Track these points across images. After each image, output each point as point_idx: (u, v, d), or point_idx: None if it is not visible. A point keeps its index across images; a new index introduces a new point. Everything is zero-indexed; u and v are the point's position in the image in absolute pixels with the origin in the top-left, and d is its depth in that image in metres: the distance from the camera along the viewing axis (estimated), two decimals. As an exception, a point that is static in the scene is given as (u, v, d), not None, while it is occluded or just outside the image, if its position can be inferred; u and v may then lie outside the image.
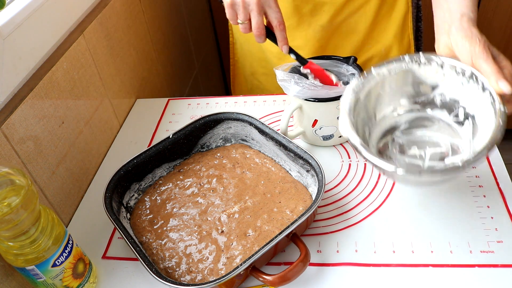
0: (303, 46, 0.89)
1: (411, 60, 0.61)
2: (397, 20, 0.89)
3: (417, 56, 0.61)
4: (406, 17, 0.90)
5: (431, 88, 0.63)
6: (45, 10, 0.68)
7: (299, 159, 0.67)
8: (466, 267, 0.58)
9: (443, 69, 0.60)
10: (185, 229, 0.65)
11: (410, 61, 0.61)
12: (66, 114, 0.72)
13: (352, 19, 0.87)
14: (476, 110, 0.59)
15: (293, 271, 0.54)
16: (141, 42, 1.00)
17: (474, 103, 0.59)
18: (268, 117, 0.86)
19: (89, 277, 0.59)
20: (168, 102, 0.94)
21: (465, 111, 0.60)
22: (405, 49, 0.93)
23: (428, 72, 0.61)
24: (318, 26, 0.86)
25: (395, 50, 0.92)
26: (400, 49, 0.92)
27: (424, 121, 0.64)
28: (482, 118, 0.57)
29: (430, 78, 0.62)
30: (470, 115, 0.60)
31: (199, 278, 0.59)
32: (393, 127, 0.64)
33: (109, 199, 0.64)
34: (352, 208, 0.67)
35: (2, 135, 0.58)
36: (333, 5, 0.84)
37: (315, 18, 0.86)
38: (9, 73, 0.61)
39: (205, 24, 1.55)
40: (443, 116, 0.63)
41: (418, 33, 0.96)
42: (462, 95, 0.60)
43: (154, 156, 0.72)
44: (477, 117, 0.59)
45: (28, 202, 0.48)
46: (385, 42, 0.91)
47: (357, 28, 0.88)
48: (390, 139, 0.63)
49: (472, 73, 0.58)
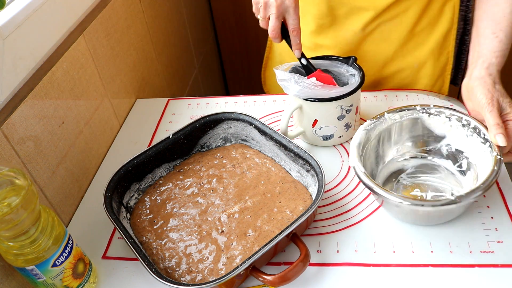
0: (333, 46, 0.87)
1: (422, 110, 0.68)
2: (437, 36, 0.85)
3: (428, 108, 0.68)
4: (448, 34, 0.85)
5: (439, 138, 0.69)
6: (45, 10, 0.68)
7: (299, 159, 0.67)
8: (466, 267, 0.58)
9: (450, 121, 0.67)
10: (185, 229, 0.65)
11: (421, 111, 0.68)
12: (66, 114, 0.72)
13: (385, 27, 0.83)
14: (478, 160, 0.64)
15: (293, 271, 0.54)
16: (141, 42, 1.00)
17: (476, 153, 0.64)
18: (268, 117, 0.86)
19: (89, 277, 0.59)
20: (168, 102, 0.94)
21: (468, 162, 0.66)
22: (441, 66, 0.89)
23: (437, 122, 0.68)
24: (351, 30, 0.84)
25: (430, 66, 0.87)
26: (435, 66, 0.88)
27: (429, 168, 0.70)
28: (482, 167, 0.62)
29: (438, 128, 0.68)
30: (473, 164, 0.65)
31: (199, 278, 0.59)
32: (400, 169, 0.70)
33: (109, 199, 0.64)
34: (352, 208, 0.67)
35: (2, 135, 0.58)
36: (370, 11, 0.80)
37: (349, 21, 0.83)
38: (9, 73, 0.61)
39: (205, 24, 1.55)
40: (448, 165, 0.69)
41: (463, 46, 0.91)
42: (467, 146, 0.66)
43: (154, 156, 0.72)
44: (478, 166, 0.64)
45: (28, 202, 0.48)
46: (419, 56, 0.86)
47: (390, 37, 0.84)
48: (395, 180, 0.69)
49: (476, 126, 0.64)
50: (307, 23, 0.87)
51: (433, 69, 0.88)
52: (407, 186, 0.68)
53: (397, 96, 0.86)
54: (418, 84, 0.90)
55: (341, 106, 0.72)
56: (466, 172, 0.66)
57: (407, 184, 0.68)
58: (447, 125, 0.67)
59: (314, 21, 0.85)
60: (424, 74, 0.88)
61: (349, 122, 0.75)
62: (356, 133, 0.66)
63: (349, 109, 0.73)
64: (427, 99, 0.85)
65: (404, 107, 0.68)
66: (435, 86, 0.91)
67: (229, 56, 1.71)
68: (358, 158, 0.62)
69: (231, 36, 1.64)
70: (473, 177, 0.64)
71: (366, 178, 0.59)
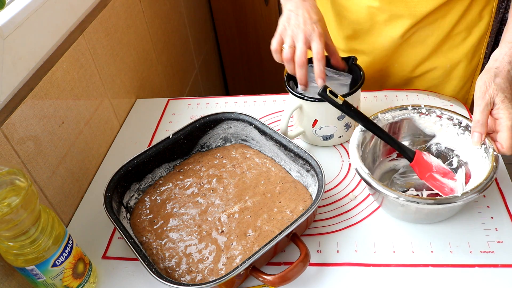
0: (369, 52, 0.86)
1: (414, 109, 0.68)
2: (473, 39, 0.84)
3: (419, 107, 0.68)
4: (483, 37, 0.85)
5: (428, 137, 0.69)
6: (45, 10, 0.68)
7: (299, 159, 0.67)
8: (466, 267, 0.58)
9: (441, 120, 0.67)
10: (185, 229, 0.65)
11: (412, 111, 0.68)
12: (66, 114, 0.72)
13: (423, 32, 0.82)
14: (470, 157, 0.65)
15: (293, 271, 0.54)
16: (141, 42, 1.00)
17: (468, 151, 0.65)
18: (268, 117, 0.86)
19: (89, 277, 0.59)
20: (168, 102, 0.94)
21: (458, 159, 0.67)
22: (473, 68, 0.88)
23: (427, 122, 0.68)
24: (389, 36, 0.82)
25: (462, 68, 0.87)
26: (467, 68, 0.87)
27: None
28: (475, 165, 0.63)
29: (428, 128, 0.69)
30: (463, 162, 0.66)
31: (199, 278, 0.59)
32: (391, 169, 0.71)
33: (109, 199, 0.64)
34: (352, 208, 0.67)
35: (2, 135, 0.58)
36: (410, 18, 0.79)
37: (388, 28, 0.82)
38: (9, 73, 0.61)
39: (205, 24, 1.55)
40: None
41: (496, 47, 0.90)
42: (457, 144, 0.67)
43: (154, 156, 0.72)
44: (470, 164, 0.65)
45: (28, 202, 0.48)
46: (453, 58, 0.86)
47: (426, 41, 0.83)
48: (389, 181, 0.69)
49: (468, 124, 0.65)
50: (344, 27, 0.86)
51: (465, 71, 0.87)
52: (402, 185, 0.68)
53: (397, 96, 0.86)
54: (448, 85, 0.89)
55: (341, 106, 0.72)
56: (458, 169, 0.66)
57: (402, 184, 0.69)
58: (437, 125, 0.68)
59: (351, 26, 0.85)
60: (455, 76, 0.88)
61: (349, 122, 0.75)
62: (353, 135, 0.66)
63: (349, 109, 0.73)
64: (427, 99, 0.85)
65: (396, 107, 0.69)
66: (464, 88, 0.90)
67: (229, 56, 1.71)
68: (360, 160, 0.62)
69: (231, 36, 1.64)
70: (465, 174, 0.64)
71: (371, 179, 0.59)
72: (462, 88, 0.90)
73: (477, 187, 0.56)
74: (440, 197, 0.59)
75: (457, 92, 0.90)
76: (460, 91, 0.90)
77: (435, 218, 0.63)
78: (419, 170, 0.64)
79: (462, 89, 0.90)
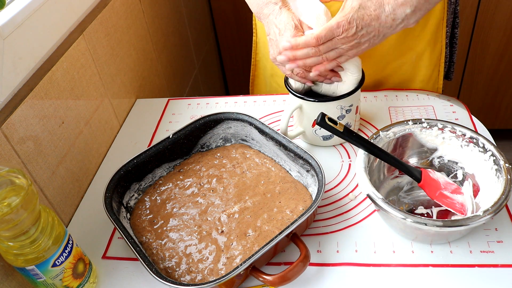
0: None
1: (414, 124, 0.67)
2: (432, 26, 0.86)
3: (419, 121, 0.66)
4: (441, 23, 0.86)
5: (431, 151, 0.68)
6: (45, 10, 0.68)
7: (299, 159, 0.67)
8: (466, 267, 0.58)
9: (443, 133, 0.66)
10: (185, 229, 0.65)
11: (413, 125, 0.67)
12: (66, 114, 0.72)
13: None
14: (476, 169, 0.63)
15: (293, 271, 0.54)
16: (141, 42, 1.01)
17: (473, 163, 0.64)
18: (268, 117, 0.86)
19: (89, 277, 0.59)
20: (168, 102, 0.94)
21: (463, 172, 0.65)
22: (437, 55, 0.90)
23: (429, 136, 0.67)
24: None
25: (427, 56, 0.88)
26: (432, 56, 0.89)
27: None
28: (483, 176, 0.62)
29: (430, 141, 0.67)
30: (469, 174, 0.64)
31: (199, 278, 0.59)
32: (395, 187, 0.69)
33: (109, 199, 0.64)
34: (352, 208, 0.67)
35: (2, 135, 0.58)
36: None
37: None
38: (9, 73, 0.61)
39: (205, 24, 1.55)
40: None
41: (454, 39, 0.93)
42: (461, 157, 0.65)
43: (154, 156, 0.72)
44: (477, 176, 0.63)
45: (28, 202, 0.48)
46: (417, 49, 0.88)
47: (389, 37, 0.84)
48: (396, 199, 0.68)
49: (472, 136, 0.63)
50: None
51: (430, 60, 0.89)
52: (409, 204, 0.66)
53: (397, 96, 0.86)
54: (417, 76, 0.90)
55: (341, 106, 0.72)
56: (463, 182, 0.65)
57: (409, 202, 0.67)
58: (439, 138, 0.66)
59: None
60: (422, 65, 0.89)
61: (349, 122, 0.75)
62: (358, 157, 0.63)
63: (349, 109, 0.73)
64: (427, 99, 0.85)
65: (396, 123, 0.67)
66: (432, 76, 0.91)
67: (229, 56, 1.71)
68: (371, 184, 0.59)
69: (231, 36, 1.64)
70: (472, 187, 0.63)
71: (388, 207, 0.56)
72: (431, 77, 0.91)
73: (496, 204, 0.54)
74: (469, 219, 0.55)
75: (426, 82, 0.91)
76: (429, 80, 0.91)
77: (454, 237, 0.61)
78: (428, 190, 0.62)
79: (431, 78, 0.91)
